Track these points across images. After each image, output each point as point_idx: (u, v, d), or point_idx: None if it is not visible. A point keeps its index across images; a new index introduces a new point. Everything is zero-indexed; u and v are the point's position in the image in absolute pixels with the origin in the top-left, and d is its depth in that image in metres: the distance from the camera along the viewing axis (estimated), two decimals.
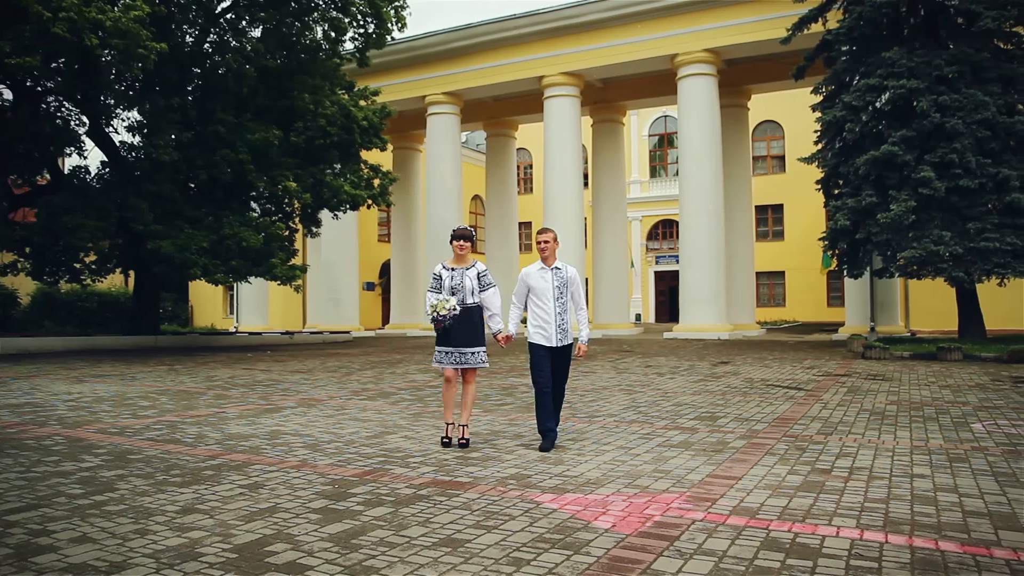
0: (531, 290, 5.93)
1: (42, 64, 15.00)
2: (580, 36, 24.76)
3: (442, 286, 5.94)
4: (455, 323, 5.78)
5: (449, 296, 5.82)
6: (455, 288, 5.87)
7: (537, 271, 5.95)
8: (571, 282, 5.93)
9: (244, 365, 14.50)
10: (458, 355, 5.88)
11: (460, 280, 5.90)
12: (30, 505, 4.15)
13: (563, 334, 5.84)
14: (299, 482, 4.71)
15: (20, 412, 7.86)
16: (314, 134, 19.18)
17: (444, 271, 5.99)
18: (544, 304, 5.85)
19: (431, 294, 5.93)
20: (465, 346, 5.87)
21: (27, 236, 18.03)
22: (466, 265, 5.98)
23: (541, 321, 5.85)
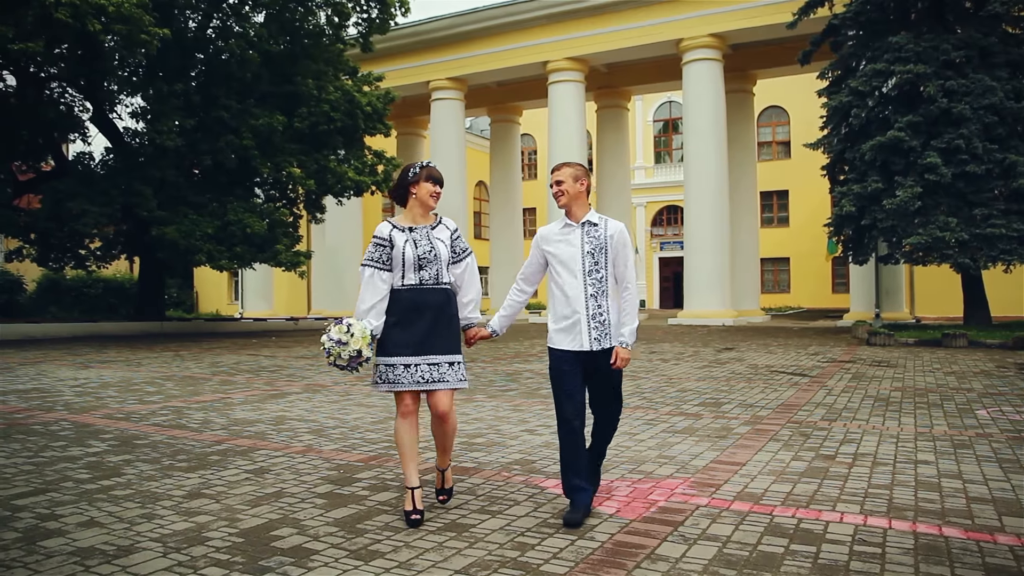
0: (551, 262, 3.77)
1: (45, 50, 14.97)
2: (585, 21, 24.64)
3: (391, 259, 3.67)
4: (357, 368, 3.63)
5: (365, 324, 3.60)
6: (423, 261, 3.65)
7: (558, 231, 3.76)
8: (613, 246, 3.70)
9: (249, 350, 14.54)
10: (424, 369, 3.60)
11: (428, 247, 3.68)
12: (38, 490, 4.18)
13: (602, 331, 3.65)
14: (304, 467, 4.73)
15: (27, 398, 7.90)
16: (318, 120, 19.15)
17: (397, 232, 3.69)
18: (570, 283, 3.67)
19: (329, 333, 3.57)
20: (436, 352, 3.62)
21: (32, 222, 18.08)
22: (431, 223, 3.77)
23: (566, 311, 3.68)
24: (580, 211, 3.77)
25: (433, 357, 3.64)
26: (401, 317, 3.67)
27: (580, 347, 3.67)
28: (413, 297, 3.68)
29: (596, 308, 3.69)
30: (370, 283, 3.68)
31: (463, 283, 3.82)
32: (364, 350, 3.54)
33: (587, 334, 3.67)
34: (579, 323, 3.68)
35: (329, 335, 3.57)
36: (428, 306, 3.68)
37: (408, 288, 3.69)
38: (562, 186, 3.77)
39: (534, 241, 3.91)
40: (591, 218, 3.76)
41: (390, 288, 3.69)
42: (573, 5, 24.49)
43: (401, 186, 3.79)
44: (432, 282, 3.70)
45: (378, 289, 3.67)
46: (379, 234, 3.74)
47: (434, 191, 3.75)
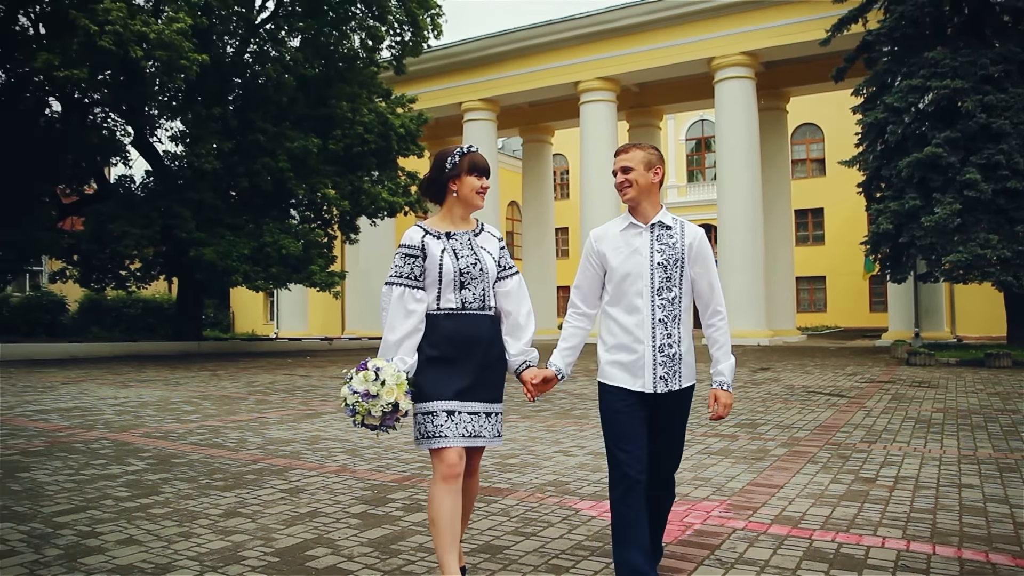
0: (608, 273, 2.92)
1: (89, 76, 15.38)
2: (616, 40, 24.71)
3: (425, 273, 2.84)
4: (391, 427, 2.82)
5: (398, 364, 2.77)
6: (466, 277, 2.83)
7: (619, 233, 2.92)
8: (693, 257, 2.90)
9: (284, 370, 14.67)
10: (464, 419, 2.80)
11: (472, 258, 2.87)
12: (79, 507, 4.25)
13: (671, 368, 2.84)
14: (339, 487, 4.75)
15: (69, 416, 8.05)
16: (352, 142, 19.40)
17: (431, 239, 2.86)
18: (633, 303, 2.85)
19: (351, 384, 2.74)
20: (479, 399, 2.84)
21: (75, 244, 18.50)
22: (473, 229, 2.96)
23: (624, 340, 2.86)
24: (651, 209, 2.89)
25: (473, 405, 2.80)
26: (440, 351, 2.80)
27: (642, 387, 2.82)
28: (455, 326, 2.80)
29: (665, 338, 2.82)
30: (400, 306, 2.78)
31: (509, 308, 2.94)
32: (402, 402, 2.68)
33: (651, 372, 2.81)
34: (642, 357, 2.82)
35: (351, 387, 2.70)
36: (475, 339, 2.81)
37: (447, 314, 2.81)
38: (630, 174, 2.87)
39: (587, 245, 2.98)
40: (664, 219, 2.88)
41: (425, 313, 2.82)
42: (605, 25, 24.59)
43: (436, 180, 2.91)
44: (477, 306, 2.83)
45: (411, 314, 2.78)
46: (408, 242, 2.84)
47: (480, 186, 2.87)
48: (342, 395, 2.76)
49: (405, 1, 19.96)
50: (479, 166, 2.88)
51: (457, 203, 2.90)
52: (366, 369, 2.72)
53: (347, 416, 2.75)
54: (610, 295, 2.92)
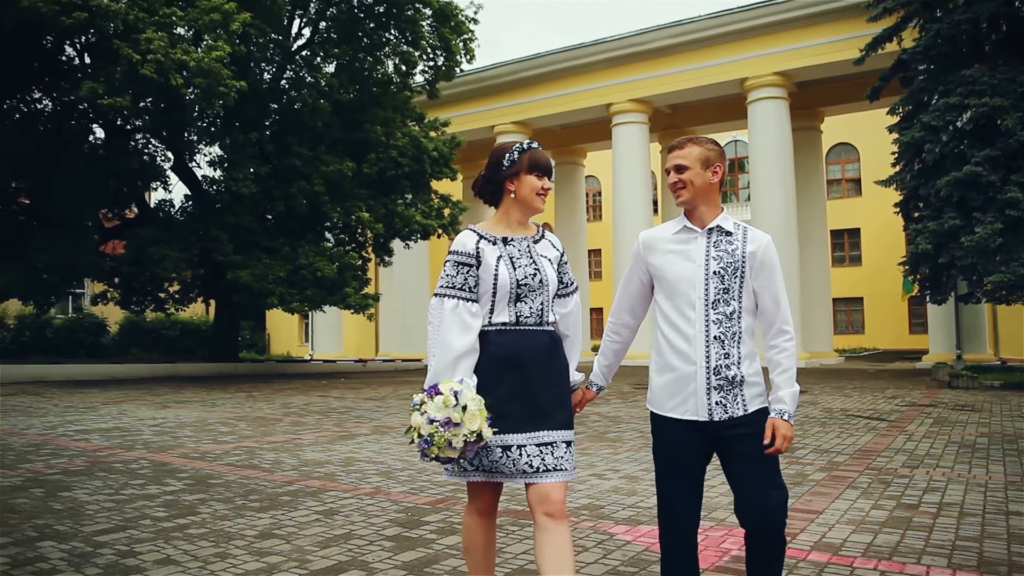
0: (657, 282, 2.61)
1: (131, 104, 15.77)
2: (648, 63, 24.76)
3: (479, 284, 2.52)
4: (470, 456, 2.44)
5: (471, 386, 2.41)
6: (524, 288, 2.50)
7: (671, 237, 2.60)
8: (755, 267, 2.54)
9: (319, 392, 14.78)
10: (532, 452, 2.46)
11: (532, 268, 2.54)
12: (118, 527, 4.30)
13: (729, 392, 2.49)
14: (373, 509, 4.76)
15: (109, 436, 8.17)
16: (386, 165, 19.62)
17: (487, 245, 2.54)
18: (684, 316, 2.52)
19: (427, 411, 2.35)
20: (550, 426, 2.49)
21: (116, 267, 18.89)
22: (533, 235, 2.64)
23: (674, 360, 2.53)
24: (709, 212, 2.57)
25: (546, 434, 2.45)
26: (492, 373, 2.46)
27: (695, 415, 2.47)
28: (508, 343, 2.48)
29: (722, 357, 2.47)
30: (454, 321, 2.44)
31: (568, 327, 2.65)
32: (485, 431, 2.31)
33: (705, 396, 2.46)
34: (693, 379, 2.48)
35: (427, 414, 2.31)
36: (530, 356, 2.48)
37: (499, 329, 2.49)
38: (685, 174, 2.54)
39: (635, 250, 2.67)
40: (723, 223, 2.55)
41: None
42: (636, 47, 24.65)
43: (492, 179, 2.59)
44: (534, 321, 2.50)
45: (467, 329, 2.45)
46: (461, 248, 2.51)
47: (541, 187, 2.56)
48: (414, 424, 2.35)
49: (438, 27, 20.22)
50: (540, 164, 2.56)
51: (515, 205, 2.58)
52: (440, 394, 2.33)
53: (419, 448, 2.34)
54: (659, 308, 2.59)
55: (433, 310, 2.50)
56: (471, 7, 21.06)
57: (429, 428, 2.30)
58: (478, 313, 2.49)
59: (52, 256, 17.17)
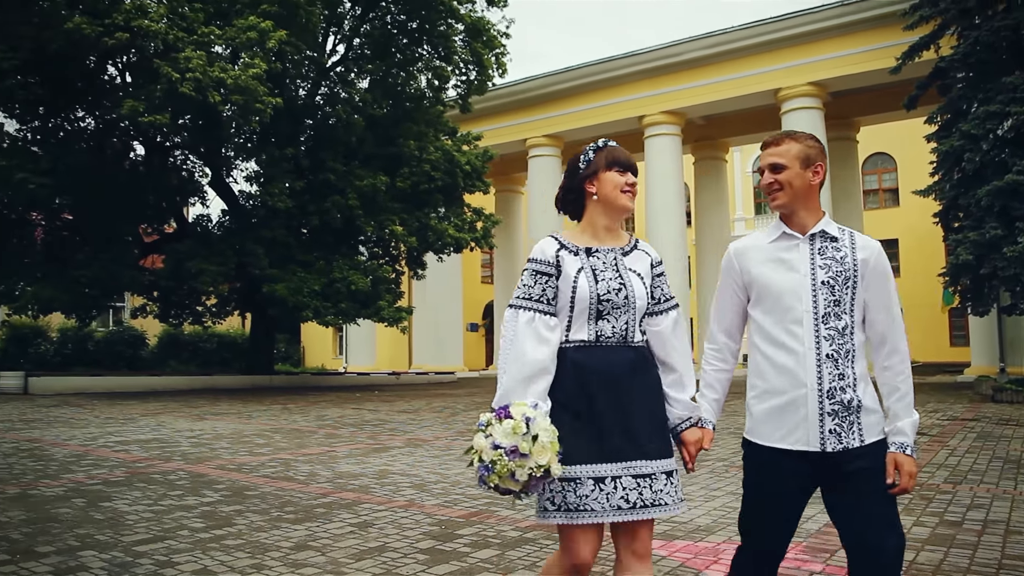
0: (755, 297, 2.35)
1: (171, 121, 16.09)
2: (680, 74, 24.68)
3: (558, 295, 2.28)
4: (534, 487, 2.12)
5: (544, 411, 2.14)
6: (607, 304, 2.26)
7: (769, 245, 2.34)
8: (868, 276, 2.28)
9: (353, 404, 14.87)
10: (628, 484, 2.19)
11: (617, 282, 2.28)
12: (157, 537, 4.36)
13: (846, 419, 2.22)
14: (407, 522, 4.77)
15: (148, 447, 8.30)
16: (419, 179, 19.77)
17: (567, 255, 2.31)
18: (791, 333, 2.26)
19: (492, 436, 2.08)
20: (647, 454, 2.23)
21: (155, 281, 19.23)
22: (623, 245, 2.38)
23: (780, 383, 2.26)
24: (810, 217, 2.29)
25: (642, 464, 2.19)
26: (574, 393, 2.21)
27: (806, 445, 2.19)
28: (589, 360, 2.23)
29: (836, 379, 2.20)
30: (528, 335, 2.21)
31: (663, 353, 2.35)
32: (553, 466, 2.04)
33: (817, 424, 2.19)
34: (804, 403, 2.20)
35: (493, 438, 2.06)
36: (616, 374, 2.22)
37: (577, 346, 2.25)
38: (782, 174, 2.27)
39: (725, 262, 2.39)
40: (827, 228, 2.28)
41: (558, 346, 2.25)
42: (668, 59, 24.59)
43: (571, 187, 2.39)
44: (617, 340, 2.25)
45: (543, 344, 2.21)
46: (539, 256, 2.29)
47: (625, 183, 2.31)
48: (476, 447, 2.09)
49: (470, 41, 20.38)
50: (620, 159, 2.33)
51: (598, 208, 2.34)
52: (511, 418, 2.07)
53: (477, 473, 2.09)
54: (758, 325, 2.31)
55: (507, 322, 2.27)
56: (503, 22, 21.25)
57: (492, 454, 2.05)
58: (555, 327, 2.25)
59: (94, 271, 17.53)
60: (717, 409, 2.41)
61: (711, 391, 2.41)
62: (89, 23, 14.91)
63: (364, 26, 20.26)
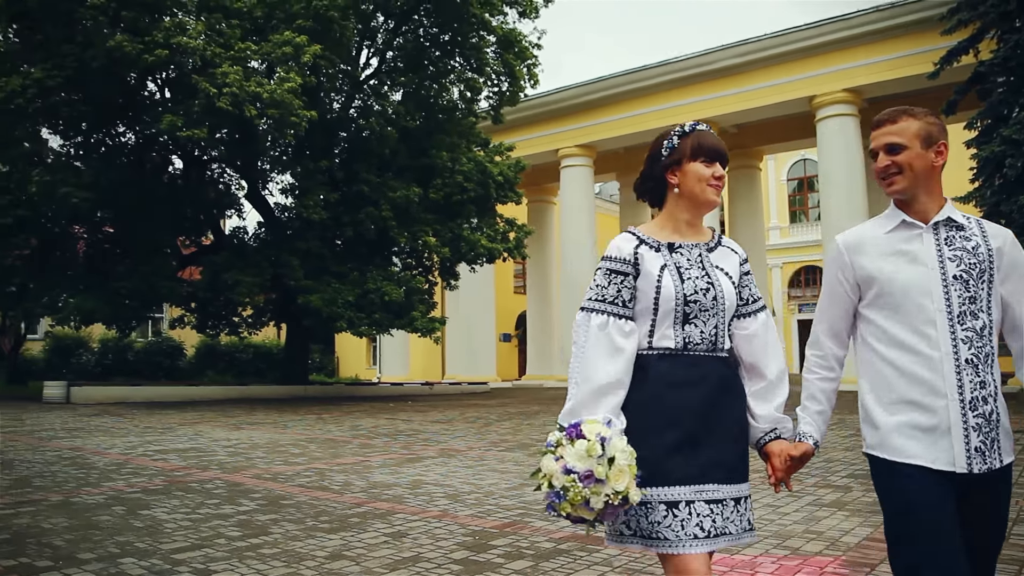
0: (871, 295, 2.06)
1: (208, 135, 16.39)
2: (713, 83, 24.56)
3: (637, 296, 2.03)
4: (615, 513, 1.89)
5: (619, 429, 1.90)
6: (694, 306, 2.00)
7: (885, 236, 2.06)
8: (1004, 266, 2.03)
9: (387, 414, 14.95)
10: (701, 510, 1.94)
11: (704, 281, 2.04)
12: (194, 545, 4.41)
13: (988, 435, 1.94)
14: (441, 532, 4.77)
15: (185, 456, 8.42)
16: (452, 190, 19.88)
17: (647, 251, 2.05)
18: (924, 335, 1.96)
19: (564, 459, 1.84)
20: (720, 478, 1.98)
21: (193, 292, 19.55)
22: (707, 240, 2.15)
23: (913, 393, 1.96)
24: (932, 203, 2.03)
25: (714, 488, 1.95)
26: (653, 408, 1.97)
27: (951, 465, 1.91)
28: (674, 371, 1.99)
29: (977, 388, 1.94)
30: (602, 342, 1.97)
31: (751, 357, 2.11)
32: (632, 493, 1.81)
33: (963, 440, 1.91)
34: (945, 416, 1.93)
35: (564, 462, 1.82)
36: (702, 388, 1.99)
37: (662, 354, 2.00)
38: (901, 155, 2.00)
39: (833, 257, 2.12)
40: (952, 215, 2.02)
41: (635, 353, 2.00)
42: (701, 68, 24.49)
43: (651, 175, 2.15)
44: (706, 346, 2.01)
45: (617, 353, 1.96)
46: (615, 253, 2.05)
47: (711, 175, 2.06)
48: (545, 471, 1.84)
49: (502, 53, 20.49)
50: (707, 148, 2.06)
51: (680, 202, 2.09)
52: (584, 438, 1.83)
53: (546, 499, 1.85)
54: (878, 328, 2.02)
55: (578, 327, 2.03)
56: (534, 33, 21.32)
57: (564, 479, 1.81)
58: (632, 333, 2.00)
59: (134, 282, 17.87)
60: (822, 423, 2.14)
61: (814, 403, 2.15)
62: (130, 41, 15.25)
63: (397, 39, 20.48)
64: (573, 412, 1.94)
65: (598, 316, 2.00)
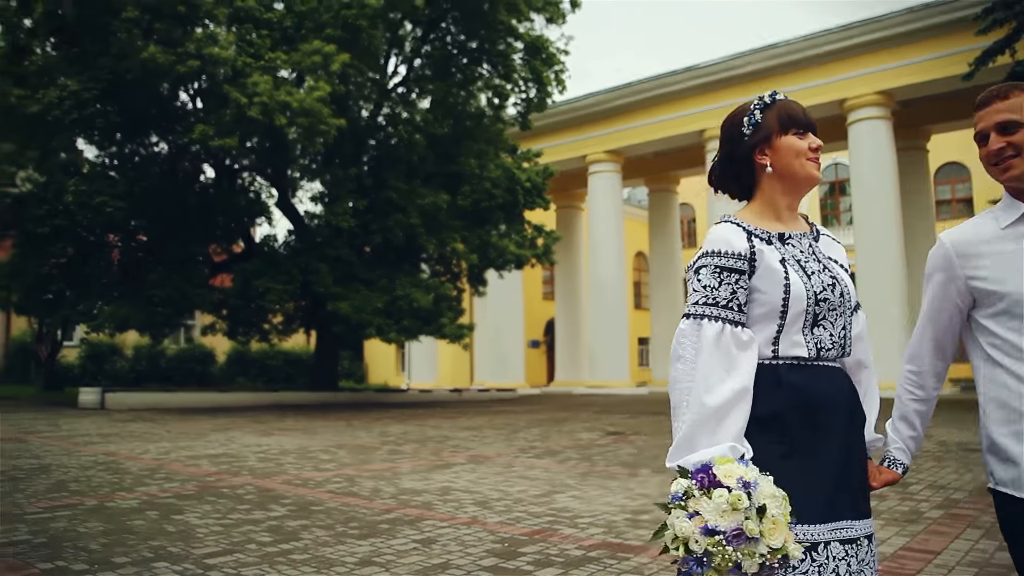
0: (984, 301, 1.77)
1: (239, 144, 16.60)
2: (742, 87, 24.40)
3: (754, 297, 1.68)
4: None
5: (757, 475, 1.45)
6: (824, 304, 1.68)
7: (1001, 232, 1.76)
8: None
9: (416, 421, 14.98)
10: (836, 552, 1.60)
11: (827, 276, 1.73)
12: (226, 550, 4.44)
13: None
14: (470, 539, 4.76)
15: (217, 462, 8.49)
16: (480, 197, 19.94)
17: (761, 243, 1.70)
18: None
19: (701, 510, 1.42)
20: (852, 514, 1.65)
21: (224, 299, 19.78)
22: (807, 229, 1.84)
23: None
24: None
25: (847, 525, 1.64)
26: (785, 430, 1.64)
27: None
28: (807, 385, 1.67)
29: None
30: (719, 355, 1.63)
31: (857, 358, 1.82)
32: (791, 547, 1.43)
33: None
34: None
35: (703, 520, 1.42)
36: (840, 407, 1.69)
37: (793, 365, 1.68)
38: (1017, 134, 1.73)
39: (937, 260, 1.84)
40: None
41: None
42: (729, 72, 24.35)
43: (734, 159, 1.82)
44: (836, 354, 1.72)
45: (737, 366, 1.63)
46: (724, 246, 1.69)
47: (805, 147, 1.77)
48: (678, 532, 1.42)
49: (530, 60, 20.52)
50: (797, 117, 1.78)
51: (777, 184, 1.78)
52: (723, 487, 1.42)
53: (682, 567, 1.45)
54: (1001, 339, 1.73)
55: (684, 338, 1.67)
56: (562, 39, 21.35)
57: (707, 542, 1.40)
58: (752, 343, 1.66)
59: (166, 290, 18.12)
60: (914, 449, 1.89)
61: (907, 426, 1.89)
62: (163, 52, 15.51)
63: (425, 47, 20.60)
64: (690, 441, 1.57)
65: (712, 323, 1.65)
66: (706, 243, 1.72)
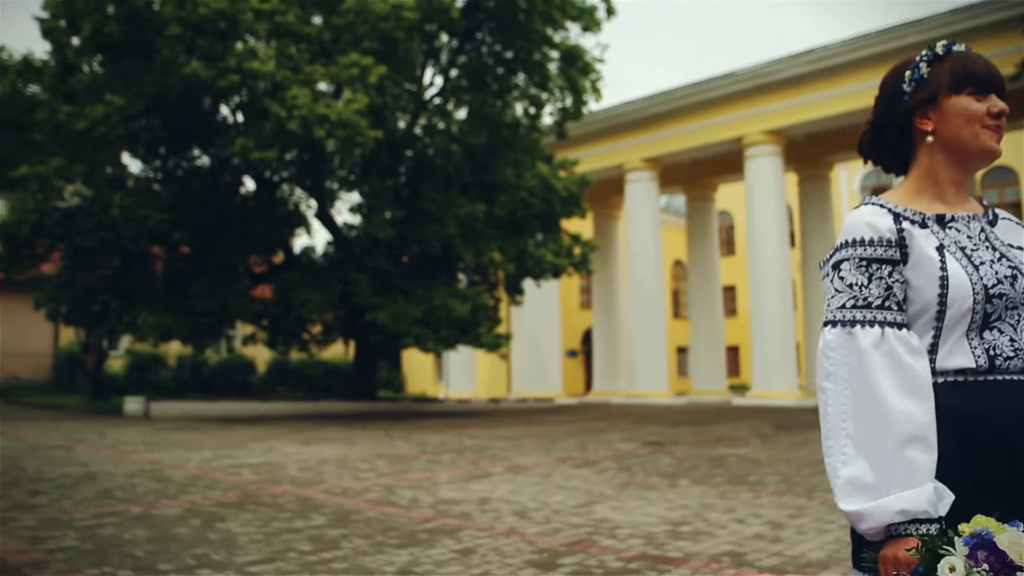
0: None
1: (278, 156, 16.84)
2: (780, 93, 24.14)
3: (911, 292, 1.33)
4: None
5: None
6: (995, 301, 1.31)
7: None
8: None
9: (454, 430, 15.01)
10: None
11: (1004, 266, 1.34)
12: (267, 559, 4.47)
13: None
14: (508, 549, 4.73)
15: (258, 471, 8.58)
16: (516, 206, 19.96)
17: (913, 227, 1.36)
18: None
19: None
20: None
21: (264, 310, 20.04)
22: (980, 211, 1.45)
23: None
24: None
25: None
26: (957, 468, 1.28)
27: None
28: (980, 410, 1.31)
29: None
30: (885, 368, 1.29)
31: None
32: None
33: None
34: None
35: None
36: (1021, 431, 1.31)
37: (953, 381, 1.34)
38: None
39: None
40: None
41: None
42: (767, 78, 24.09)
43: (888, 122, 1.49)
44: (1020, 364, 1.34)
45: (912, 381, 1.29)
46: (868, 232, 1.38)
47: (983, 111, 1.40)
48: None
49: (565, 68, 20.53)
50: (976, 74, 1.41)
51: (940, 156, 1.45)
52: (1015, 567, 1.09)
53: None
54: None
55: (833, 351, 1.35)
56: (597, 47, 21.31)
57: None
58: (921, 350, 1.32)
59: (208, 301, 18.42)
60: None
61: None
62: (205, 67, 15.81)
63: (461, 58, 20.73)
64: (868, 477, 1.26)
65: (867, 330, 1.32)
66: (844, 231, 1.42)
